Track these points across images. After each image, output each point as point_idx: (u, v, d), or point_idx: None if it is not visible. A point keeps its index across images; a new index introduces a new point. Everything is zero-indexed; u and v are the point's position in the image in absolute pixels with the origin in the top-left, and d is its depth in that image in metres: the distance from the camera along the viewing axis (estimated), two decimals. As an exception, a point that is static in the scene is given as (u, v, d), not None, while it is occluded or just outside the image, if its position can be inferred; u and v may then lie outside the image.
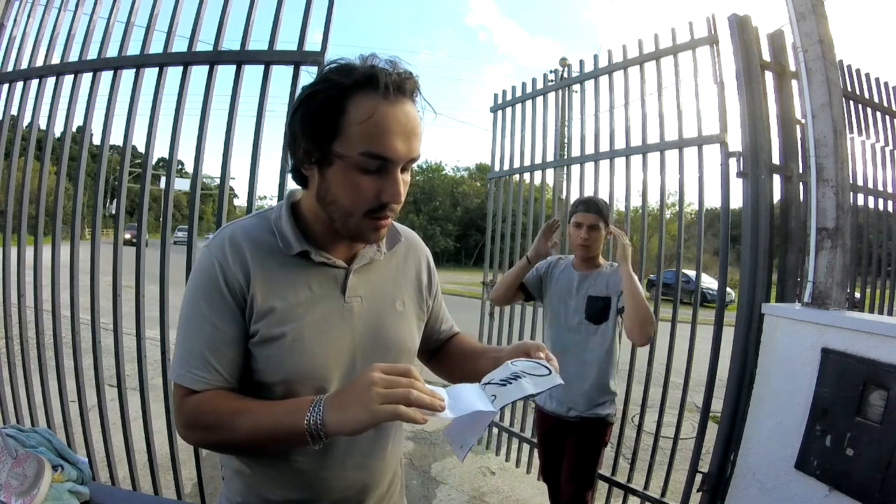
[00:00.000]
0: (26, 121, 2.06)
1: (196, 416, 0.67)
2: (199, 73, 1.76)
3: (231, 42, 1.72)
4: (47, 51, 1.96)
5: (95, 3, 1.91)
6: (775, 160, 1.74)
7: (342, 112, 0.63)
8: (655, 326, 1.95)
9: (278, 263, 0.71)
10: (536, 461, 2.35)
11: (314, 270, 0.73)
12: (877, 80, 2.82)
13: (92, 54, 1.85)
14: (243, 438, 0.64)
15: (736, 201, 1.90)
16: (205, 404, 0.67)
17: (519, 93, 3.06)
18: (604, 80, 2.53)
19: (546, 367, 0.66)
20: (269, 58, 1.62)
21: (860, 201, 2.83)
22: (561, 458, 1.92)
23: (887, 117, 2.85)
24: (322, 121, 0.64)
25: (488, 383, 0.64)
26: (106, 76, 1.83)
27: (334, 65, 0.65)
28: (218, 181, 1.77)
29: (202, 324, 0.69)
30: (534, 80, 2.96)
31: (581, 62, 2.72)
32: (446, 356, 0.94)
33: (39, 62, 1.98)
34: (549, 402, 1.88)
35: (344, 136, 0.63)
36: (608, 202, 2.52)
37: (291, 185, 0.77)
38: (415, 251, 0.88)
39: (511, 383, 0.62)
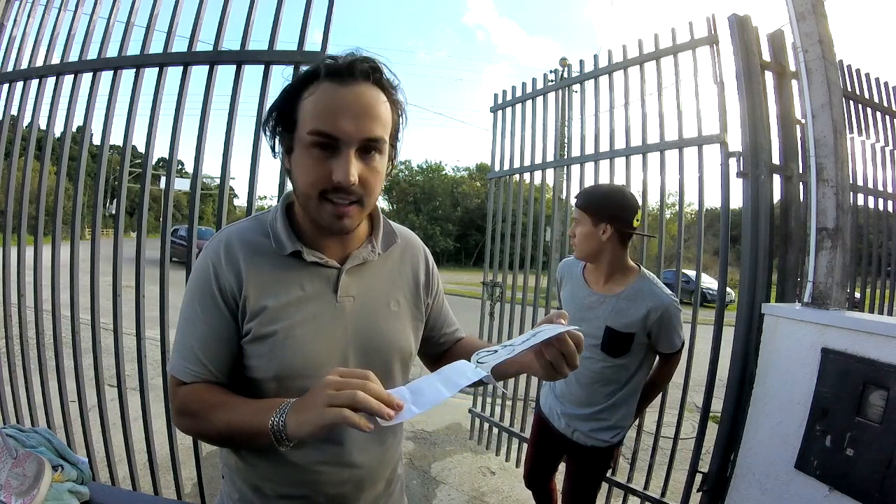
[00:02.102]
0: (26, 121, 2.07)
1: (184, 405, 0.72)
2: (199, 73, 1.76)
3: (231, 42, 1.72)
4: (47, 51, 1.96)
5: (95, 3, 1.91)
6: (775, 160, 1.74)
7: (298, 100, 0.67)
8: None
9: (271, 264, 0.73)
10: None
11: (307, 270, 0.74)
12: (877, 80, 2.81)
13: (92, 54, 1.85)
14: (218, 431, 0.68)
15: (736, 201, 1.90)
16: (191, 395, 0.72)
17: (519, 93, 3.06)
18: (604, 80, 2.53)
19: (566, 327, 0.66)
20: (269, 58, 1.61)
21: (860, 201, 2.83)
22: (549, 467, 1.87)
23: (887, 117, 2.85)
24: (283, 112, 0.69)
25: (508, 345, 0.65)
26: (106, 76, 1.83)
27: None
28: (218, 181, 1.77)
29: (195, 322, 0.73)
30: (534, 81, 2.96)
31: (581, 62, 2.72)
32: (452, 360, 0.93)
33: (39, 62, 1.98)
34: (556, 420, 1.71)
35: (300, 123, 0.67)
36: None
37: (290, 185, 0.79)
38: (412, 252, 0.88)
39: (531, 338, 0.64)
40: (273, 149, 0.74)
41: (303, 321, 0.72)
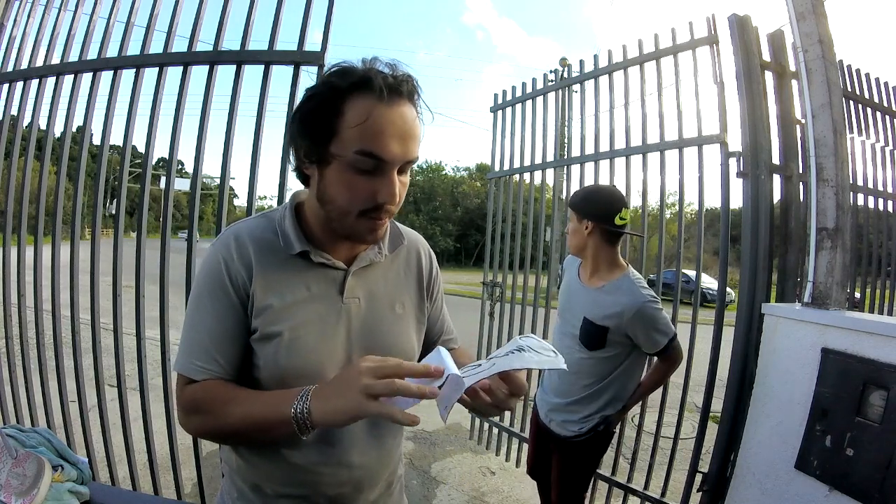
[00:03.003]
0: (26, 121, 2.06)
1: (193, 404, 0.70)
2: (199, 73, 1.76)
3: (231, 42, 1.72)
4: (47, 51, 1.96)
5: (95, 3, 1.91)
6: (775, 160, 1.74)
7: (338, 114, 0.64)
8: (678, 364, 1.66)
9: (279, 262, 0.73)
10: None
11: (313, 271, 0.74)
12: (877, 80, 2.81)
13: (92, 54, 1.85)
14: (235, 426, 0.67)
15: (736, 201, 1.90)
16: (201, 393, 0.70)
17: (519, 93, 3.06)
18: (604, 80, 2.53)
19: (553, 350, 0.64)
20: (269, 58, 1.61)
21: (860, 201, 2.83)
22: (548, 459, 1.88)
23: (887, 117, 2.85)
24: (319, 122, 0.65)
25: (492, 357, 0.63)
26: (106, 76, 1.83)
27: (335, 67, 0.66)
28: (218, 181, 1.77)
29: (206, 318, 0.72)
30: (534, 80, 2.96)
31: (581, 62, 2.72)
32: None
33: (39, 62, 1.98)
34: (541, 409, 1.79)
35: (340, 136, 0.64)
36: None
37: (291, 184, 0.78)
38: (417, 253, 0.88)
39: (514, 353, 0.62)
40: (299, 156, 0.70)
41: (308, 322, 0.72)
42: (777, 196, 1.75)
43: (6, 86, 2.03)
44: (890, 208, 3.04)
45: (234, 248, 0.72)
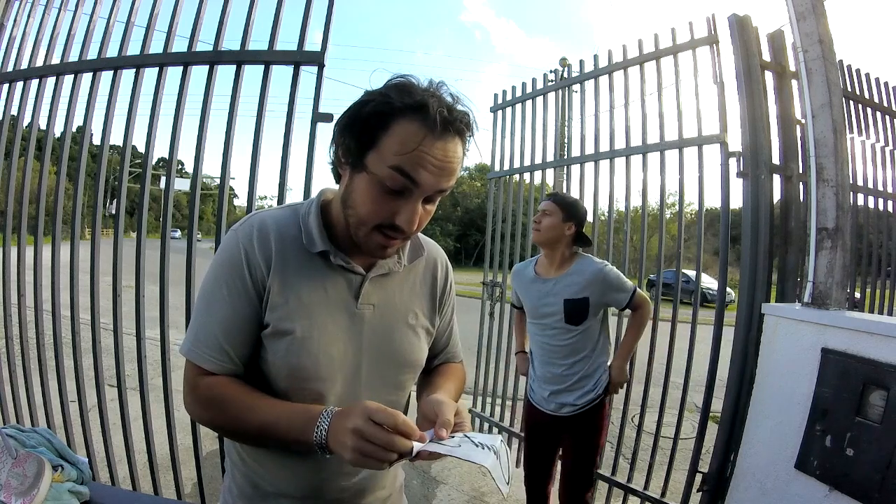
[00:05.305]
0: (26, 121, 2.06)
1: (210, 400, 0.70)
2: (199, 73, 1.76)
3: (231, 42, 1.72)
4: (47, 51, 1.96)
5: (95, 3, 1.91)
6: (775, 160, 1.74)
7: (385, 129, 0.63)
8: (650, 310, 1.89)
9: (299, 259, 0.72)
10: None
11: (331, 273, 0.74)
12: (877, 80, 2.82)
13: (92, 54, 1.85)
14: (252, 434, 0.68)
15: (736, 201, 1.90)
16: (217, 389, 0.69)
17: (519, 93, 3.06)
18: (604, 80, 2.53)
19: (495, 449, 0.62)
20: (269, 58, 1.61)
21: (860, 201, 2.83)
22: (547, 453, 1.93)
23: (887, 117, 2.85)
24: (364, 130, 0.65)
25: (467, 436, 0.63)
26: (106, 76, 1.83)
27: (399, 80, 0.66)
28: (218, 181, 1.77)
29: (220, 306, 0.70)
30: (534, 80, 2.96)
31: (581, 62, 2.72)
32: (424, 380, 0.90)
33: (39, 62, 1.98)
34: (543, 403, 1.86)
35: (379, 150, 0.64)
36: (609, 202, 2.53)
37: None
38: (435, 266, 0.88)
39: (483, 448, 0.61)
40: (338, 153, 0.70)
41: (321, 324, 0.72)
42: (777, 196, 1.75)
43: (6, 86, 2.03)
44: (890, 208, 3.04)
45: (256, 237, 0.71)
